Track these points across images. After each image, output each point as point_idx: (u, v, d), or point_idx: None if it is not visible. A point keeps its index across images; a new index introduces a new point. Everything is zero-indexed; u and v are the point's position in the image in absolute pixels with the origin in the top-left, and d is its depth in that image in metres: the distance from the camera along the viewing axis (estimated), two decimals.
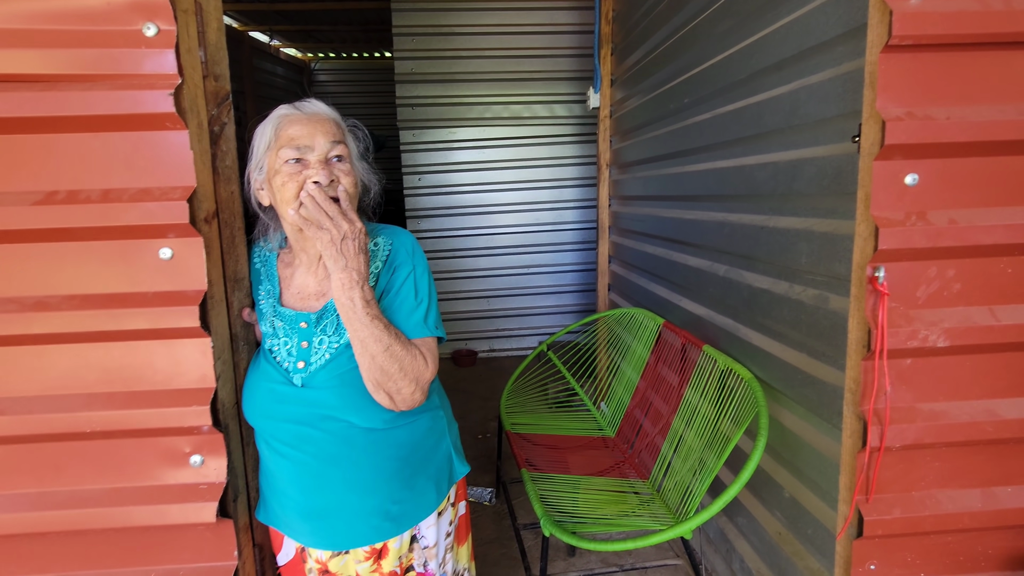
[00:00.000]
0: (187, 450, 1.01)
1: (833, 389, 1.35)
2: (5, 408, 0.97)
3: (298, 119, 0.99)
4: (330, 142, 0.98)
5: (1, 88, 0.92)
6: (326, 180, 0.95)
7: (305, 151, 0.97)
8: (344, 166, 0.99)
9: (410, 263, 1.04)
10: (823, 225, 1.37)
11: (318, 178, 0.95)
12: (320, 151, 0.97)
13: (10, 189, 0.94)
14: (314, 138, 0.97)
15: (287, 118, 1.00)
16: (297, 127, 0.98)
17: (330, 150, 0.98)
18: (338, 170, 0.98)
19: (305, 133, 0.97)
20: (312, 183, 0.95)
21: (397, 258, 1.04)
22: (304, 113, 1.00)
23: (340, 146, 1.00)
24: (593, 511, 1.79)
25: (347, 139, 1.03)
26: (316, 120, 0.99)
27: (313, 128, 0.98)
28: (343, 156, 1.00)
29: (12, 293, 0.96)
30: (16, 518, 1.00)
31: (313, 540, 1.04)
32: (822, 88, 1.36)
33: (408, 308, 1.01)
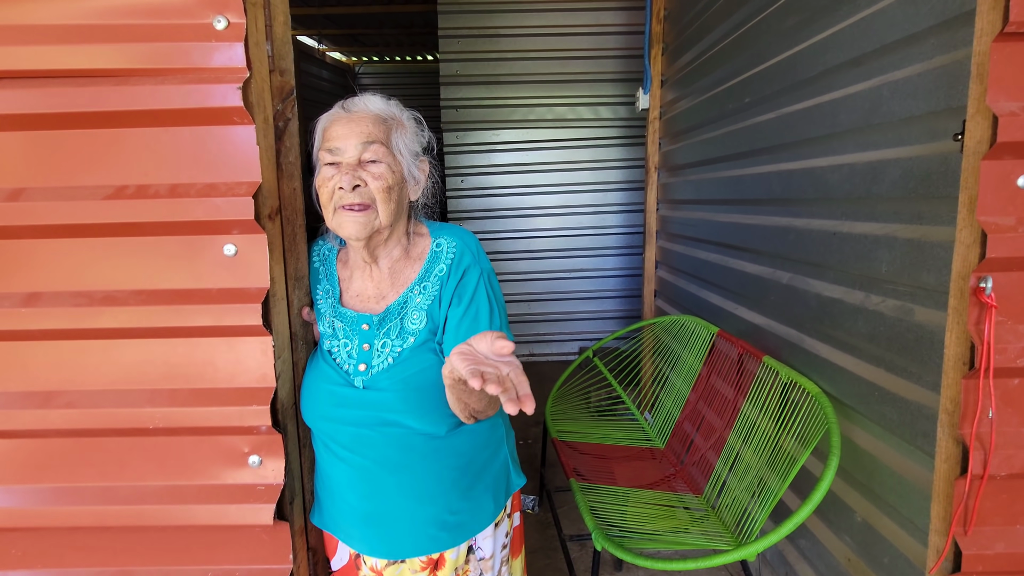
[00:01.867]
0: (246, 450, 1.00)
1: (917, 407, 1.25)
2: (74, 401, 0.98)
3: (340, 119, 0.97)
4: (362, 143, 0.94)
5: (77, 83, 0.93)
6: (349, 185, 0.92)
7: (338, 153, 0.94)
8: (377, 168, 0.94)
9: (478, 266, 1.00)
10: (908, 231, 1.28)
11: (341, 183, 0.92)
12: (352, 153, 0.94)
13: (83, 183, 0.94)
14: (347, 140, 0.94)
15: (332, 118, 0.98)
16: (336, 127, 0.96)
17: (361, 152, 0.94)
18: (367, 173, 0.94)
19: (341, 134, 0.95)
20: (339, 188, 0.93)
21: (464, 260, 1.00)
22: (347, 112, 0.97)
23: (374, 147, 0.94)
24: (643, 525, 1.72)
25: (392, 136, 0.98)
26: (356, 119, 0.96)
27: (350, 129, 0.95)
28: (377, 157, 0.95)
29: (82, 287, 0.96)
30: (82, 511, 1.00)
31: (368, 547, 1.01)
32: (909, 84, 1.27)
33: (484, 317, 0.97)
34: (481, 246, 1.05)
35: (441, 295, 0.99)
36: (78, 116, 0.93)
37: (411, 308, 0.99)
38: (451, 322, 0.97)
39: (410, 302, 0.99)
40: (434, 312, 0.98)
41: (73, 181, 0.94)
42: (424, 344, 0.97)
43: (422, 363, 0.96)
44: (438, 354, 0.97)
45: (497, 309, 0.99)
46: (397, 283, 1.01)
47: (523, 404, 0.62)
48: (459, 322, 0.96)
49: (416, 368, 0.95)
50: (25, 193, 0.94)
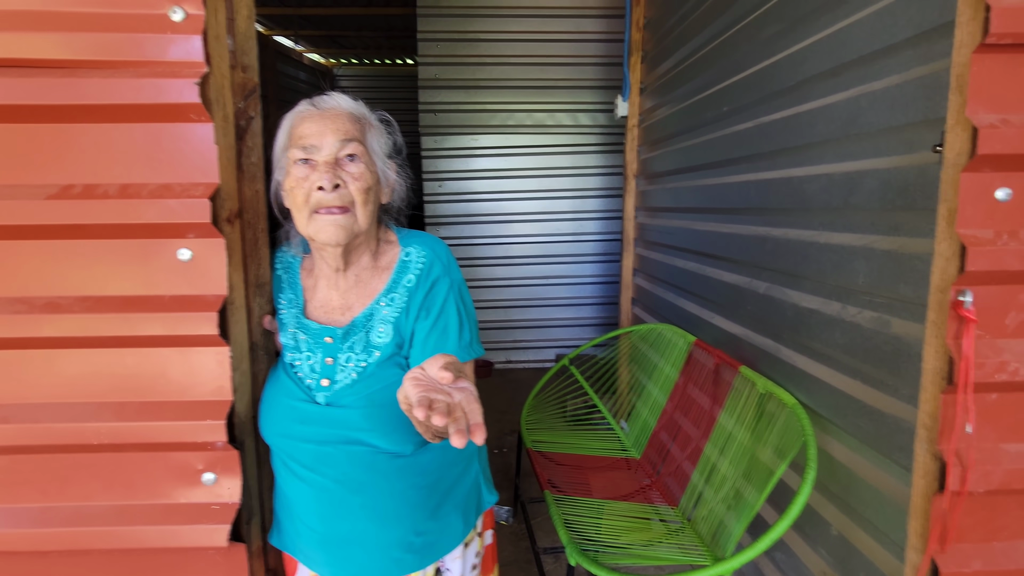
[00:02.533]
0: (200, 467, 0.93)
1: (894, 421, 1.24)
2: (10, 415, 0.91)
3: (311, 116, 0.91)
4: (340, 141, 0.89)
5: (18, 73, 0.86)
6: (329, 185, 0.87)
7: (312, 151, 0.89)
8: (356, 168, 0.90)
9: (448, 277, 0.96)
10: (885, 242, 1.27)
11: (321, 182, 0.87)
12: (328, 151, 0.89)
13: (24, 182, 0.87)
14: (323, 137, 0.89)
15: (301, 115, 0.92)
16: (308, 124, 0.90)
17: (339, 150, 0.89)
18: (347, 172, 0.89)
19: (315, 131, 0.89)
20: (317, 188, 0.87)
21: (433, 271, 0.96)
22: (319, 109, 0.92)
23: (352, 144, 0.90)
24: (617, 538, 1.69)
25: (367, 136, 0.93)
26: (329, 116, 0.91)
27: (324, 126, 0.89)
28: (356, 155, 0.90)
29: (22, 292, 0.89)
30: (18, 534, 0.93)
31: (330, 570, 0.96)
32: (887, 95, 1.27)
33: (454, 332, 0.92)
34: (452, 255, 1.01)
35: (409, 306, 0.94)
36: (20, 109, 0.86)
37: (377, 320, 0.94)
38: (418, 336, 0.92)
39: (376, 314, 0.94)
40: (401, 324, 0.94)
41: (13, 179, 0.87)
42: (390, 358, 0.92)
43: (388, 378, 0.91)
44: (404, 368, 0.92)
45: (467, 323, 0.95)
46: (363, 294, 0.96)
47: (473, 434, 0.58)
48: (426, 336, 0.92)
49: (381, 384, 0.90)
50: None
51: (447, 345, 0.91)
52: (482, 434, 0.58)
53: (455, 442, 0.56)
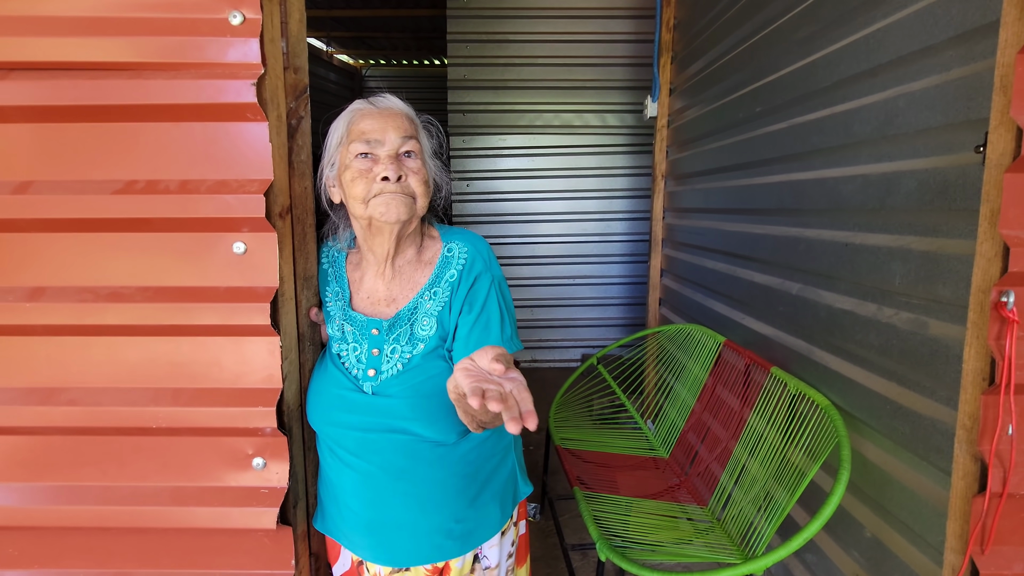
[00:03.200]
0: (250, 452, 0.98)
1: (931, 423, 1.23)
2: (76, 398, 0.96)
3: (370, 113, 0.96)
4: (401, 137, 0.94)
5: (89, 76, 0.92)
6: (394, 176, 0.92)
7: (375, 145, 0.94)
8: (414, 163, 0.95)
9: (489, 273, 1.00)
10: (923, 243, 1.26)
11: (387, 173, 0.92)
12: (391, 146, 0.94)
13: (92, 177, 0.93)
14: (385, 132, 0.94)
15: (360, 112, 0.97)
16: (369, 121, 0.95)
17: (400, 145, 0.94)
18: (407, 167, 0.94)
19: (376, 127, 0.94)
20: (381, 179, 0.92)
21: (475, 267, 0.99)
22: (377, 107, 0.97)
23: (411, 142, 0.95)
24: (646, 536, 1.70)
25: (420, 135, 0.99)
26: (388, 114, 0.96)
27: (385, 122, 0.94)
28: (414, 152, 0.96)
29: (89, 282, 0.95)
30: (81, 510, 0.98)
31: (372, 554, 0.99)
32: (926, 95, 1.26)
33: (496, 326, 0.96)
34: (492, 252, 1.04)
35: (452, 301, 0.98)
36: (89, 109, 0.92)
37: (421, 314, 0.97)
38: (461, 330, 0.96)
39: (420, 307, 0.98)
40: (444, 319, 0.97)
41: (82, 175, 0.93)
42: (434, 351, 0.96)
43: (432, 370, 0.94)
44: (447, 361, 0.96)
45: (508, 318, 0.98)
46: (408, 287, 1.00)
47: (525, 421, 0.61)
48: (469, 331, 0.95)
49: (426, 375, 0.93)
50: (33, 186, 0.93)
51: (490, 338, 0.94)
52: (534, 420, 0.61)
53: (511, 428, 0.59)
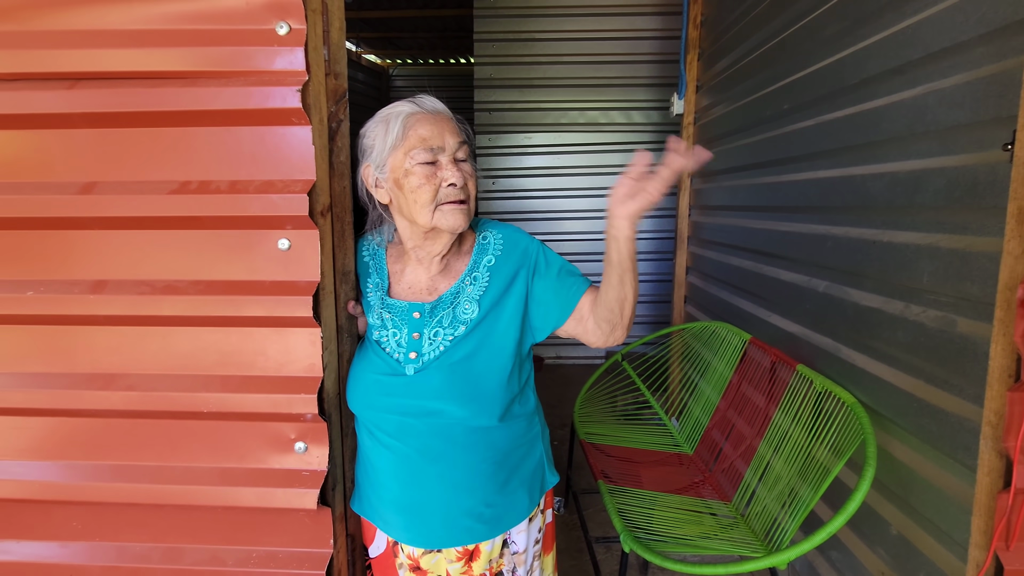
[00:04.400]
0: (292, 436, 1.04)
1: (958, 420, 1.23)
2: (134, 383, 1.03)
3: (425, 118, 0.99)
4: (458, 142, 1.00)
5: (147, 84, 0.98)
6: (460, 182, 0.97)
7: (438, 152, 0.98)
8: (468, 167, 1.01)
9: (534, 241, 1.07)
10: (951, 241, 1.26)
11: (453, 179, 0.97)
12: (450, 151, 0.99)
13: (150, 178, 1.00)
14: (444, 138, 0.98)
15: (414, 116, 1.00)
16: (426, 127, 0.98)
17: (457, 150, 0.99)
18: (464, 171, 1.00)
19: (435, 133, 0.98)
20: (448, 185, 0.97)
21: (517, 245, 1.06)
22: (427, 111, 1.00)
23: (465, 147, 1.01)
24: (670, 530, 1.72)
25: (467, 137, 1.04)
26: (441, 119, 1.00)
27: (441, 127, 0.99)
28: (466, 156, 1.01)
29: (146, 276, 1.02)
30: (137, 488, 1.05)
31: (406, 536, 1.04)
32: (955, 92, 1.26)
33: (567, 275, 1.04)
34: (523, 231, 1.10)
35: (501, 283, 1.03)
36: (148, 115, 0.99)
37: (463, 298, 1.03)
38: (547, 292, 1.03)
39: (462, 292, 1.03)
40: (484, 303, 1.02)
41: (141, 176, 1.00)
42: (474, 333, 1.00)
43: (472, 352, 0.99)
44: (487, 344, 1.00)
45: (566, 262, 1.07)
46: (449, 276, 1.05)
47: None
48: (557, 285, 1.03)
49: (467, 356, 0.99)
50: (97, 186, 1.00)
51: (572, 287, 1.02)
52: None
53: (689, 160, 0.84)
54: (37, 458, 1.08)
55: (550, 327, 1.04)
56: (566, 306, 1.02)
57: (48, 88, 0.98)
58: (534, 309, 1.03)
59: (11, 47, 0.97)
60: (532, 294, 1.04)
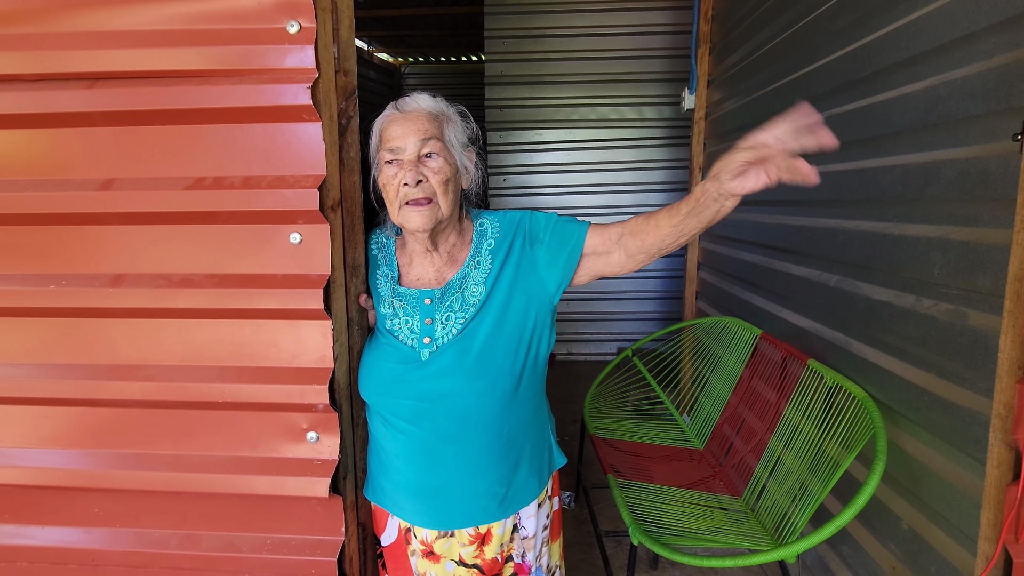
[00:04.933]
0: (304, 426, 1.06)
1: (969, 414, 1.22)
2: (152, 374, 1.06)
3: (396, 119, 1.02)
4: (420, 140, 0.99)
5: (162, 83, 1.01)
6: (412, 181, 0.98)
7: (398, 152, 1.00)
8: (435, 163, 1.00)
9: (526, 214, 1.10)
10: (963, 233, 1.25)
11: (406, 179, 0.98)
12: (411, 151, 1.00)
13: (166, 175, 1.02)
14: (406, 139, 1.00)
15: (388, 119, 1.03)
16: (394, 127, 1.01)
17: (420, 148, 1.00)
18: (427, 168, 0.99)
19: (399, 134, 1.00)
20: (404, 184, 0.99)
21: (512, 220, 1.09)
22: (402, 112, 1.03)
23: (431, 142, 1.00)
24: (680, 524, 1.72)
25: (445, 131, 1.03)
26: (411, 118, 1.01)
27: (407, 128, 1.00)
28: (435, 152, 1.00)
29: (163, 270, 1.05)
30: (156, 476, 1.09)
31: (422, 519, 1.07)
32: (967, 83, 1.25)
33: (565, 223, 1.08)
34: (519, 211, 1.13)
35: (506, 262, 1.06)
36: (164, 113, 1.01)
37: (470, 282, 1.05)
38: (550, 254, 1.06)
39: (468, 276, 1.06)
40: (490, 284, 1.04)
41: (158, 172, 1.03)
42: (484, 312, 1.03)
43: (485, 330, 1.02)
44: (496, 322, 1.02)
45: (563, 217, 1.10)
46: (454, 265, 1.08)
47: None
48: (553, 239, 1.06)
49: (479, 334, 1.01)
50: (116, 183, 1.03)
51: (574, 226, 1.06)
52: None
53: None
54: (61, 446, 1.12)
55: (562, 277, 1.06)
56: (573, 251, 1.04)
57: (69, 88, 1.01)
58: (543, 271, 1.06)
59: (34, 49, 1.01)
60: (536, 259, 1.06)
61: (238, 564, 1.10)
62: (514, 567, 1.10)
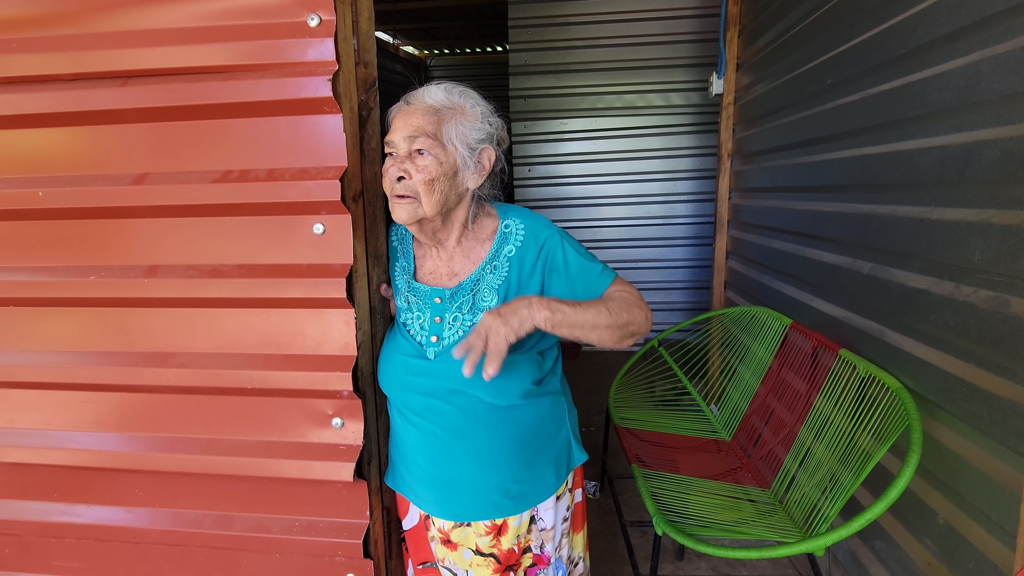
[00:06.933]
0: (330, 412, 1.09)
1: (1010, 405, 1.17)
2: (186, 362, 1.10)
3: (399, 112, 1.02)
4: (408, 136, 0.98)
5: (190, 79, 1.04)
6: (394, 177, 0.98)
7: (391, 145, 1.01)
8: (423, 160, 0.97)
9: (553, 233, 1.06)
10: (1005, 217, 1.20)
11: (390, 173, 0.99)
12: (402, 147, 0.99)
13: (195, 168, 1.05)
14: (398, 133, 1.00)
15: (394, 111, 1.04)
16: (396, 120, 1.02)
17: (409, 145, 0.98)
18: (413, 165, 0.98)
19: (396, 127, 1.01)
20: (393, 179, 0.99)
21: (539, 237, 1.05)
22: (407, 104, 1.03)
23: (420, 140, 0.97)
24: (706, 515, 1.71)
25: (444, 128, 0.99)
26: (410, 112, 1.00)
27: (403, 122, 1.00)
28: (423, 149, 0.98)
29: (193, 261, 1.08)
30: (191, 459, 1.13)
31: (437, 509, 1.08)
32: (1012, 58, 1.18)
33: (587, 272, 1.04)
34: (546, 218, 1.10)
35: (521, 277, 1.04)
36: (191, 108, 1.04)
37: (484, 286, 1.04)
38: (562, 291, 1.04)
39: (483, 280, 1.05)
40: (503, 292, 1.04)
41: (187, 167, 1.06)
42: None
43: None
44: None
45: (589, 257, 1.06)
46: (468, 261, 1.07)
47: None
48: (568, 286, 1.04)
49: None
50: (148, 177, 1.07)
51: (586, 290, 1.03)
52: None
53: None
54: (103, 430, 1.17)
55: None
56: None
57: (102, 86, 1.05)
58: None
59: (70, 49, 1.05)
60: (551, 286, 1.04)
61: (268, 544, 1.14)
62: (533, 557, 1.11)
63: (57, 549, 1.23)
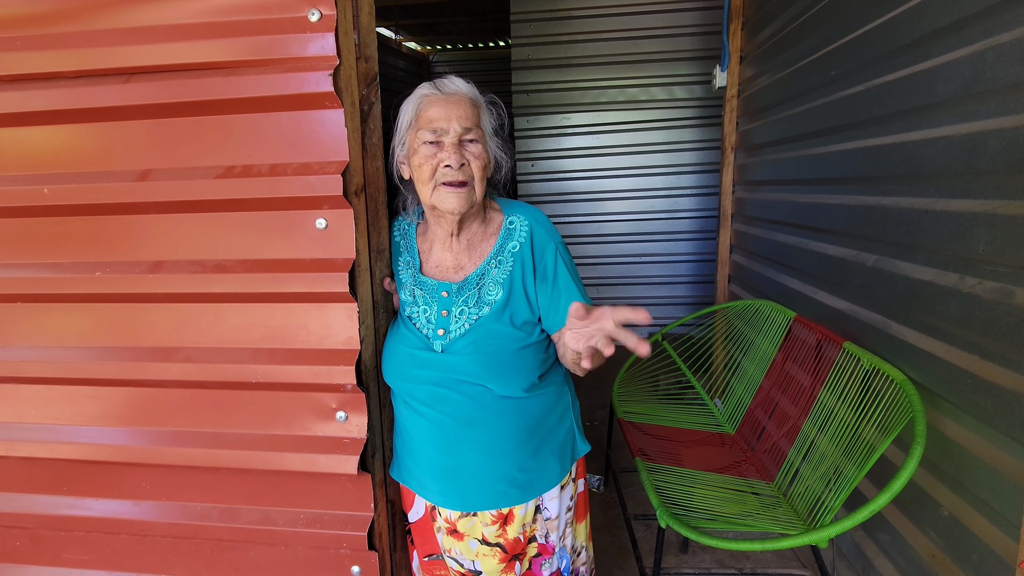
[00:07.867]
0: (333, 406, 1.09)
1: (1015, 397, 1.17)
2: (191, 356, 1.11)
3: (437, 100, 1.03)
4: (463, 126, 1.01)
5: (193, 75, 1.04)
6: (456, 164, 0.99)
7: (441, 134, 1.01)
8: (475, 148, 1.02)
9: (552, 241, 1.07)
10: (1011, 207, 1.19)
11: (449, 161, 0.99)
12: (454, 134, 1.01)
13: (198, 164, 1.06)
14: (449, 121, 1.01)
15: (427, 98, 1.04)
16: (435, 109, 1.02)
17: (463, 133, 1.01)
18: (469, 153, 1.01)
19: (442, 116, 1.01)
20: (444, 166, 0.99)
21: (537, 238, 1.07)
22: (443, 93, 1.03)
23: (475, 129, 1.02)
24: (710, 508, 1.71)
25: (482, 118, 1.05)
26: (453, 101, 1.02)
27: (449, 111, 1.01)
28: (476, 138, 1.02)
29: (198, 256, 1.09)
30: (197, 452, 1.14)
31: (443, 499, 1.09)
32: (1017, 47, 1.17)
33: (571, 290, 1.04)
34: (549, 221, 1.10)
35: (516, 270, 1.05)
36: (194, 104, 1.05)
37: (489, 280, 1.06)
38: (543, 299, 1.06)
39: (488, 274, 1.06)
40: (508, 285, 1.05)
41: (191, 162, 1.07)
42: (499, 314, 1.03)
43: (496, 331, 1.02)
44: (511, 324, 1.03)
45: (576, 278, 1.07)
46: (474, 255, 1.08)
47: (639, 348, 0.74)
48: (550, 297, 1.05)
49: (490, 335, 1.01)
50: (152, 173, 1.07)
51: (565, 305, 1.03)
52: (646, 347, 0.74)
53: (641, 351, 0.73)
54: (110, 424, 1.18)
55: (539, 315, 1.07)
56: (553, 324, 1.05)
57: (106, 83, 1.06)
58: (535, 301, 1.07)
59: (73, 46, 1.05)
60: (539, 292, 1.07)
61: (274, 537, 1.15)
62: (538, 547, 1.12)
63: (67, 542, 1.24)
